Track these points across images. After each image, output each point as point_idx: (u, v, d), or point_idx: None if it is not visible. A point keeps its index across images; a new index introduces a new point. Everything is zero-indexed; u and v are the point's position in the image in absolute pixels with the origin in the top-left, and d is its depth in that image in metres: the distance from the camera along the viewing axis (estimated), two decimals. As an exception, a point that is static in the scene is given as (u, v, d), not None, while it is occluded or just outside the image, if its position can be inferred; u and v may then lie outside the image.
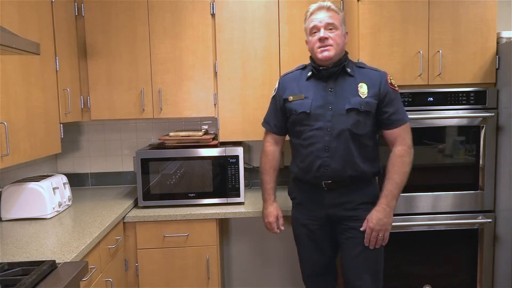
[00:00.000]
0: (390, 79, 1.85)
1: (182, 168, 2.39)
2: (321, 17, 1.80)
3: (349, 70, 1.84)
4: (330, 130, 1.79)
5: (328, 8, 1.81)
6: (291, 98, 1.88)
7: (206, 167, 2.40)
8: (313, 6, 1.85)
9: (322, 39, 1.78)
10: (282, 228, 2.03)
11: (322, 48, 1.78)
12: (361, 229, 1.81)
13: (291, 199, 2.02)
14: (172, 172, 2.39)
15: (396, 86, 1.86)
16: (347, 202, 1.84)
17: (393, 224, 2.22)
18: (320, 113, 1.81)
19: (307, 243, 1.96)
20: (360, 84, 1.82)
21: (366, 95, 1.80)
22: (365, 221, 1.82)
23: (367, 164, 1.84)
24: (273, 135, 2.01)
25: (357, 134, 1.80)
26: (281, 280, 2.94)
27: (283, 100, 1.92)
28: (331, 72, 1.82)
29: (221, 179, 2.40)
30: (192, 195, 2.40)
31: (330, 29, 1.79)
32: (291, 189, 2.02)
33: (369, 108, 1.80)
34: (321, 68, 1.83)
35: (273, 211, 2.00)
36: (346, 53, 1.88)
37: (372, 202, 1.84)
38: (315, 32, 1.81)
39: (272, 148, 2.02)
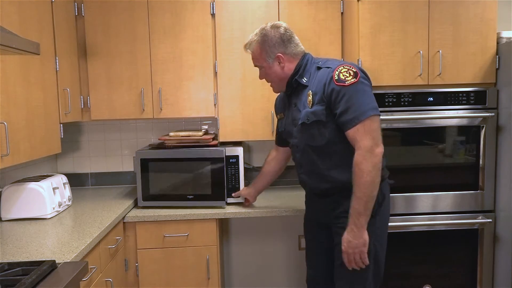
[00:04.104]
0: (339, 74, 1.62)
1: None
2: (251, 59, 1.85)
3: (304, 80, 1.75)
4: (298, 147, 1.81)
5: (245, 49, 1.84)
6: (279, 116, 1.97)
7: (206, 167, 2.39)
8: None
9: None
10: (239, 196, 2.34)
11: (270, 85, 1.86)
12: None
13: None
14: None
15: (349, 79, 1.61)
16: (331, 209, 1.77)
17: (393, 224, 2.24)
18: (290, 130, 1.84)
19: (309, 243, 1.99)
20: (308, 92, 1.72)
21: (312, 104, 1.69)
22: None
23: (343, 172, 1.68)
24: (276, 144, 2.18)
25: (317, 146, 1.71)
26: (281, 280, 2.93)
27: (277, 117, 2.02)
28: (290, 92, 1.83)
29: (221, 179, 2.40)
30: (192, 196, 2.39)
31: (259, 67, 1.83)
32: None
33: (317, 117, 1.67)
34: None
35: (242, 191, 2.33)
36: (298, 66, 1.77)
37: None
38: None
39: (274, 151, 2.21)
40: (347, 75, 1.62)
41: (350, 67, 1.64)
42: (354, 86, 1.60)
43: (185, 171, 2.39)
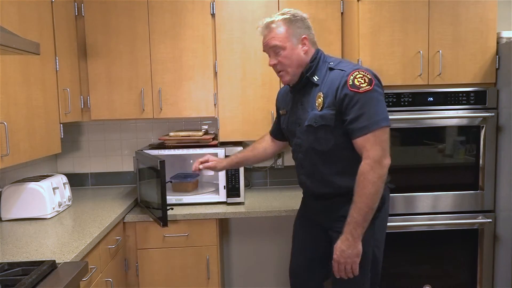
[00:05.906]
0: (354, 79, 1.55)
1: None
2: (265, 41, 1.68)
3: (316, 78, 1.67)
4: (301, 147, 1.73)
5: (267, 27, 1.67)
6: (281, 112, 1.88)
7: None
8: (258, 30, 1.72)
9: (272, 66, 1.71)
10: (201, 166, 1.97)
11: (279, 74, 1.72)
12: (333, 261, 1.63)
13: None
14: (172, 172, 2.38)
15: (363, 86, 1.54)
16: (330, 212, 1.72)
17: (393, 224, 2.24)
18: (293, 129, 1.77)
19: (300, 232, 1.92)
20: (318, 94, 1.65)
21: (321, 107, 1.62)
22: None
23: (346, 179, 1.63)
24: (271, 134, 2.06)
25: (322, 150, 1.65)
26: (281, 280, 2.93)
27: (278, 112, 1.94)
28: (298, 88, 1.73)
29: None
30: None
31: (277, 51, 1.66)
32: None
33: (325, 122, 1.61)
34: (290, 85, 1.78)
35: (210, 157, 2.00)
36: (313, 57, 1.69)
37: None
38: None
39: (268, 136, 2.06)
40: (362, 81, 1.55)
41: (365, 73, 1.57)
42: (368, 94, 1.54)
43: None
